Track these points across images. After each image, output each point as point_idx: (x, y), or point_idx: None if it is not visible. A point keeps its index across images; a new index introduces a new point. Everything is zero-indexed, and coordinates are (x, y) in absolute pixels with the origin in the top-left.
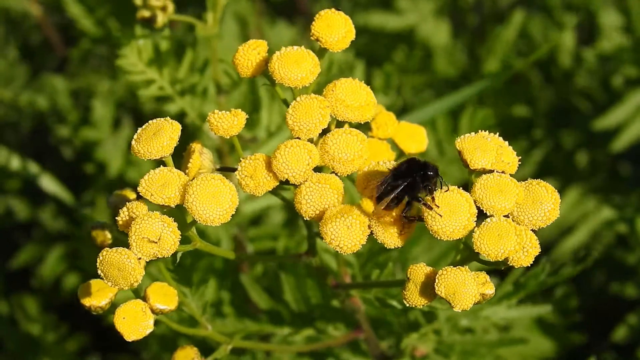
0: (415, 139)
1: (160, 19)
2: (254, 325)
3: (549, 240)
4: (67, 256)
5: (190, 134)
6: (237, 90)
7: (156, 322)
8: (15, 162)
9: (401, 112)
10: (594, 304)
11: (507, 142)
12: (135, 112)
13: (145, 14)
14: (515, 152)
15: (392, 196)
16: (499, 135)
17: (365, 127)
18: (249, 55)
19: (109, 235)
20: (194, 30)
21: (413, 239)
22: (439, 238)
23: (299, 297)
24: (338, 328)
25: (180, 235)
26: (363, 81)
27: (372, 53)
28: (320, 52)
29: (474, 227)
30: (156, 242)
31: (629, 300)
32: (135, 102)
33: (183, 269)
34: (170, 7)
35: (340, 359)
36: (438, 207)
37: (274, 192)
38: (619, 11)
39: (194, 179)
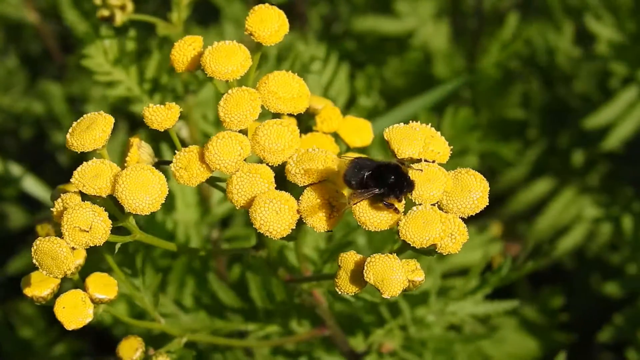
0: (360, 133)
1: (119, 17)
2: (221, 323)
3: (544, 240)
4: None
5: (160, 135)
6: (206, 90)
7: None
8: (9, 168)
9: (386, 113)
10: (583, 304)
11: (439, 133)
12: (129, 117)
13: (105, 12)
14: (447, 143)
15: (368, 194)
16: (494, 136)
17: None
18: (185, 50)
19: (52, 230)
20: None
21: (387, 237)
22: (366, 229)
23: (264, 295)
24: (302, 324)
25: (116, 225)
26: (346, 83)
27: (369, 57)
28: (257, 47)
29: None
30: (87, 231)
31: (616, 301)
32: (127, 108)
33: (131, 260)
34: (130, 6)
35: (313, 357)
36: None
37: (211, 183)
38: (609, 11)
39: (124, 170)
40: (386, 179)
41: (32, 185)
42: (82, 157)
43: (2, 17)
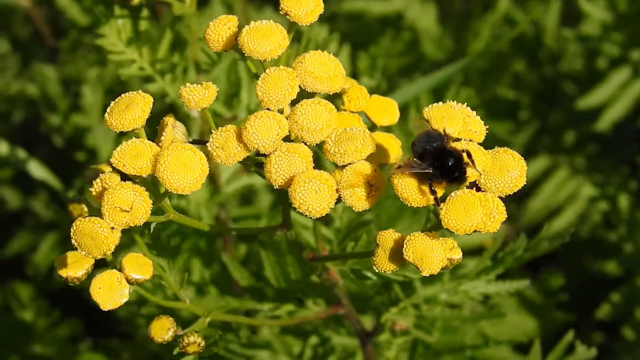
0: (386, 112)
1: None
2: (235, 302)
3: (538, 221)
4: (60, 244)
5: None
6: (217, 69)
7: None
8: (3, 149)
9: (387, 94)
10: (580, 283)
11: (475, 113)
12: None
13: None
14: (482, 122)
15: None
16: (487, 116)
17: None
18: (220, 30)
19: (85, 209)
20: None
21: (395, 216)
22: (409, 205)
23: (279, 274)
24: (318, 303)
25: (154, 205)
26: (347, 63)
27: (361, 38)
28: (291, 26)
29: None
30: (128, 211)
31: (613, 278)
32: (124, 89)
33: (162, 243)
34: None
35: (323, 336)
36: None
37: (246, 163)
38: None
39: (165, 149)
40: (445, 162)
41: (32, 166)
42: (77, 138)
43: None
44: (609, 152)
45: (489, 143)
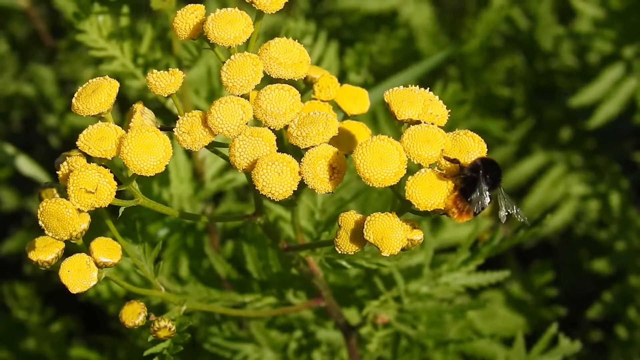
0: (357, 101)
1: None
2: (217, 293)
3: (532, 218)
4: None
5: (154, 110)
6: (200, 67)
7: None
8: (0, 151)
9: (374, 87)
10: (576, 280)
11: (437, 97)
12: (119, 98)
13: None
14: (445, 106)
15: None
16: (481, 113)
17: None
18: (187, 18)
19: (57, 194)
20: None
21: (380, 210)
22: (370, 185)
23: (261, 267)
24: (298, 296)
25: (120, 187)
26: (335, 60)
27: (355, 35)
28: (258, 15)
29: (405, 175)
30: (93, 193)
31: (604, 278)
32: (120, 88)
33: (135, 229)
34: None
35: (308, 331)
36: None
37: (211, 148)
38: None
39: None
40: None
41: (26, 166)
42: (73, 138)
43: None
44: (605, 148)
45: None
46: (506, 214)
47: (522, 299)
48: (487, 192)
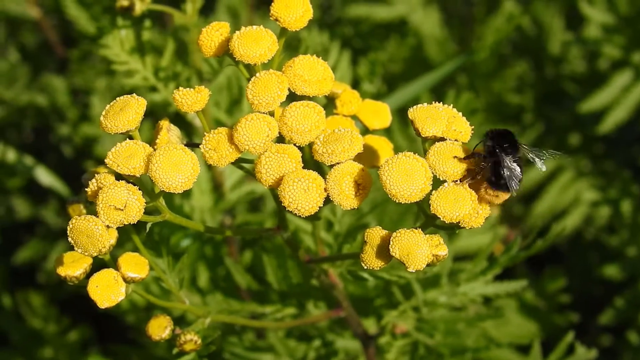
0: (378, 116)
1: (139, 7)
2: (237, 304)
3: (543, 224)
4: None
5: (174, 123)
6: (220, 78)
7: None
8: (12, 158)
9: (387, 96)
10: (581, 287)
11: (460, 114)
12: None
13: (124, 3)
14: (468, 123)
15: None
16: (492, 120)
17: (332, 106)
18: (212, 36)
19: (84, 210)
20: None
21: (397, 221)
22: (397, 201)
23: (281, 278)
24: (318, 306)
25: (148, 204)
26: (348, 70)
27: (366, 44)
28: (282, 32)
29: (430, 191)
30: (122, 210)
31: (617, 283)
32: None
33: (160, 243)
34: None
35: (326, 340)
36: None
37: (237, 164)
38: None
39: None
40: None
41: (44, 176)
42: (86, 148)
43: (3, 13)
44: (614, 154)
45: None
46: (542, 160)
47: (535, 305)
48: (514, 162)
